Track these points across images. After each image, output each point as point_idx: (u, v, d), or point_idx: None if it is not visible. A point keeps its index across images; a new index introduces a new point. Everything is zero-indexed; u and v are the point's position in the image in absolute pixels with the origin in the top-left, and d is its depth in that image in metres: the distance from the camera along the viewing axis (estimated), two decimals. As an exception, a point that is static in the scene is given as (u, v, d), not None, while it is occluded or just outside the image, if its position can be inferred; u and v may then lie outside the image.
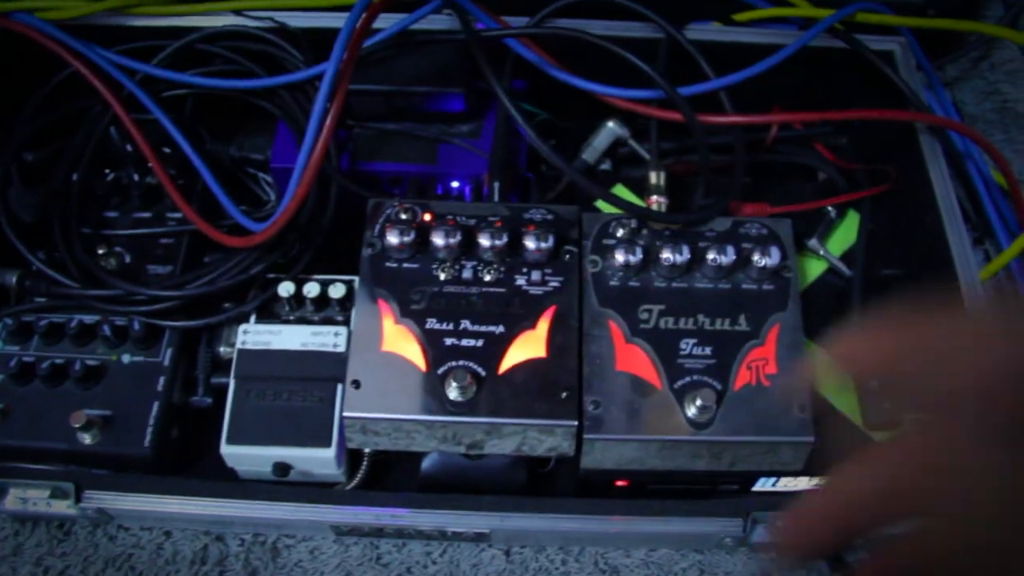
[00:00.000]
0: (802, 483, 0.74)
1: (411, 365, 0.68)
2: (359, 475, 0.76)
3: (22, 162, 0.83)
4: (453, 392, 0.66)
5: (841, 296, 0.78)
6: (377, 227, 0.73)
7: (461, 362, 0.68)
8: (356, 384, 0.67)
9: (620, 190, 0.83)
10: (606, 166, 0.88)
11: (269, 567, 0.76)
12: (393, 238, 0.70)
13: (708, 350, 0.70)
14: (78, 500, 0.72)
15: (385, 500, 0.72)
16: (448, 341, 0.69)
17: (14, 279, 0.77)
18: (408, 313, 0.70)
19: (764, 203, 0.79)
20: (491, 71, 0.76)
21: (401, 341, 0.69)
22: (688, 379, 0.69)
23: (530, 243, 0.70)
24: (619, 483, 0.74)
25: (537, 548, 0.77)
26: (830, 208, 0.81)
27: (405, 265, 0.72)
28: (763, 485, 0.75)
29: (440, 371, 0.68)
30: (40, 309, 0.77)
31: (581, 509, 0.71)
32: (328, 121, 0.71)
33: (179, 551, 0.77)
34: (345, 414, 0.67)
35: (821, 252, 0.79)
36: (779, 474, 0.73)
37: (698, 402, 0.67)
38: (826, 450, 0.70)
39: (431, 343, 0.69)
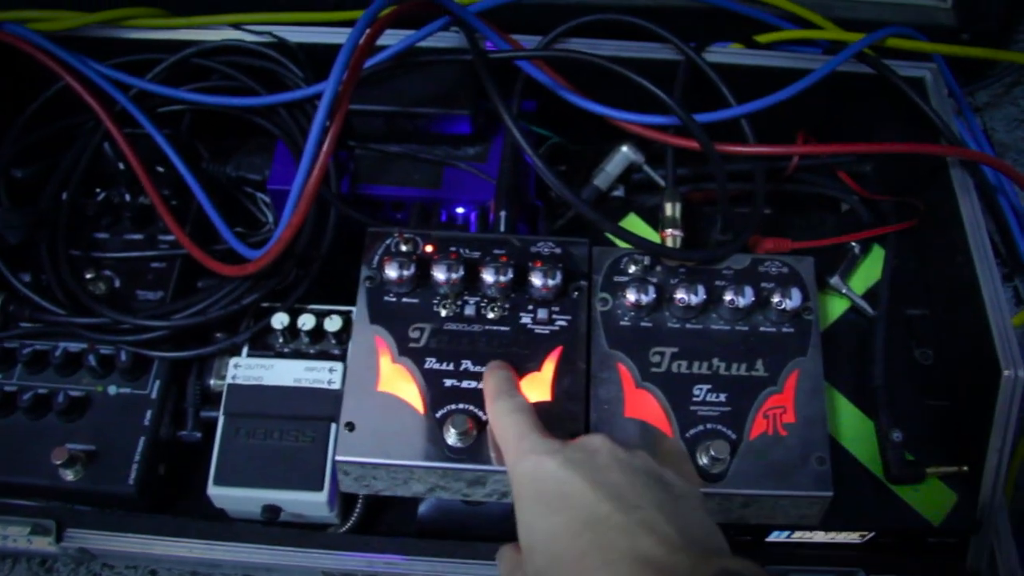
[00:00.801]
0: (819, 535, 0.70)
1: (408, 407, 0.64)
2: (353, 517, 0.72)
3: (10, 179, 0.80)
4: (452, 437, 0.63)
5: (864, 337, 0.74)
6: (376, 259, 0.69)
7: (461, 405, 0.64)
8: (350, 426, 0.64)
9: (632, 220, 0.79)
10: (619, 192, 0.84)
11: (258, 611, 0.73)
12: (392, 271, 0.67)
13: (723, 397, 0.66)
14: (59, 539, 0.69)
15: (379, 546, 0.69)
16: (448, 382, 0.65)
17: (-3, 303, 0.74)
18: (406, 351, 0.66)
19: (785, 237, 0.75)
20: (498, 97, 0.73)
21: (398, 381, 0.65)
22: (701, 428, 0.65)
23: (537, 280, 0.66)
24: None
25: (538, 597, 0.74)
26: (854, 243, 0.77)
27: (404, 300, 0.68)
28: (777, 536, 0.71)
29: (439, 414, 0.64)
30: (24, 335, 0.74)
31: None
32: (326, 145, 0.67)
33: (165, 592, 0.74)
34: (337, 458, 0.63)
35: (843, 290, 0.75)
36: (795, 527, 0.69)
37: (711, 452, 0.63)
38: (846, 503, 0.67)
39: (430, 384, 0.65)
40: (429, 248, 0.70)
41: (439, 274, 0.66)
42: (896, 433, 0.69)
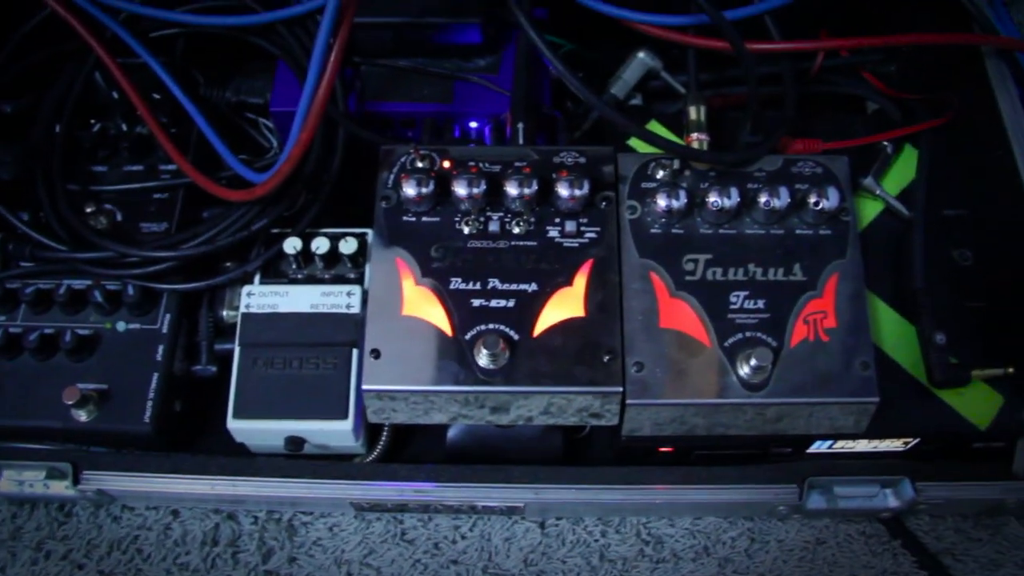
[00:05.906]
0: (861, 444, 0.68)
1: (435, 330, 0.61)
2: (379, 446, 0.70)
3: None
4: (484, 359, 0.60)
5: (899, 240, 0.71)
6: (391, 177, 0.66)
7: (491, 325, 0.61)
8: (376, 353, 0.61)
9: (655, 127, 0.76)
10: (636, 101, 0.80)
11: (286, 546, 0.71)
12: (410, 189, 0.63)
13: (761, 303, 0.64)
14: (76, 481, 0.66)
15: (408, 474, 0.66)
16: (476, 302, 0.62)
17: (-4, 243, 0.71)
18: (430, 272, 0.63)
19: (816, 138, 0.72)
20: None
21: (423, 304, 0.62)
22: (740, 336, 0.63)
23: (563, 190, 0.63)
24: (662, 449, 0.68)
25: (574, 519, 0.72)
26: (886, 143, 0.73)
27: (424, 219, 0.65)
28: (819, 447, 0.69)
29: (468, 336, 0.61)
30: (26, 275, 0.71)
31: (625, 479, 0.65)
32: (332, 58, 0.63)
33: (188, 531, 0.72)
34: (364, 387, 0.60)
35: (877, 191, 0.72)
36: (838, 437, 0.67)
37: (752, 361, 0.61)
38: (890, 410, 0.64)
39: (457, 305, 0.62)
40: (447, 164, 0.66)
41: (460, 189, 0.63)
42: (939, 336, 0.67)
